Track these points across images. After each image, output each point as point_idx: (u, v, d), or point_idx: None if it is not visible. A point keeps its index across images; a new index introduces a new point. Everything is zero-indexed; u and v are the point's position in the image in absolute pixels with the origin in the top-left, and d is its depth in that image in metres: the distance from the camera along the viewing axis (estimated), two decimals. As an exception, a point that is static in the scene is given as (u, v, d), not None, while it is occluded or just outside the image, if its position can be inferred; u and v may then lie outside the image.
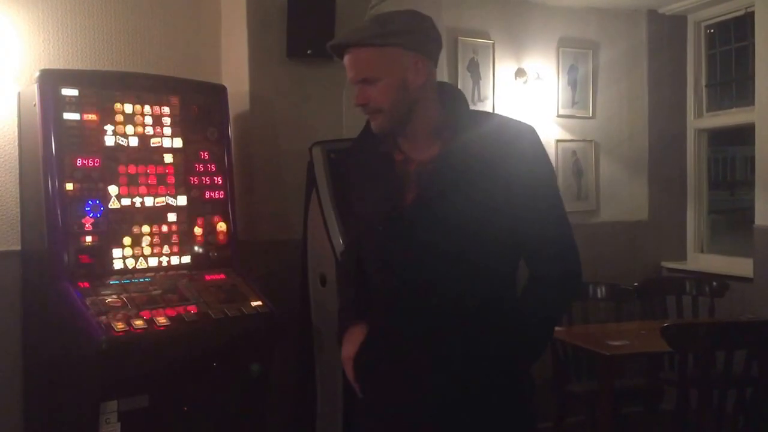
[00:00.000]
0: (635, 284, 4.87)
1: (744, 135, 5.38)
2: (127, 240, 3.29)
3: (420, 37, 2.15)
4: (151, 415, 3.07)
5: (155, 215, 3.38)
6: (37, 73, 3.17)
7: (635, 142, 5.54)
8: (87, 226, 3.18)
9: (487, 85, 5.01)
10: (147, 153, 3.38)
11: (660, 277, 5.44)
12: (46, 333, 3.30)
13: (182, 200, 3.47)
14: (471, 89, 4.95)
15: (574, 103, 5.31)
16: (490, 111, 2.47)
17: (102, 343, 2.86)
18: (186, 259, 3.46)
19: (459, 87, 4.80)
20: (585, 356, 4.27)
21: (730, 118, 5.37)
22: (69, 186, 3.14)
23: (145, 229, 3.35)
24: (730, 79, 5.41)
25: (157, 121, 3.41)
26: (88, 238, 3.18)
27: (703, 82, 5.49)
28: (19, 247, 3.55)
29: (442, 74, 4.77)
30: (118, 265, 3.26)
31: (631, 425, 4.09)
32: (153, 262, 3.37)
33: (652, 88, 5.53)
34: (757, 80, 4.62)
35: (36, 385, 3.45)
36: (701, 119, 5.51)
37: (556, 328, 4.35)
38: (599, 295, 4.77)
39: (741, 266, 4.89)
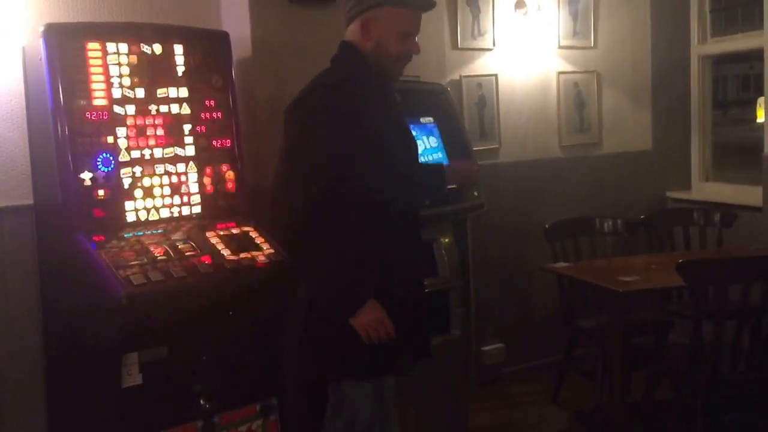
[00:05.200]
0: (642, 217, 4.90)
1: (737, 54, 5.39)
2: (138, 192, 3.28)
3: None
4: (170, 365, 3.11)
5: (165, 166, 3.37)
6: (42, 27, 3.12)
7: (638, 71, 5.52)
8: (99, 179, 3.17)
9: (486, 18, 4.96)
10: (154, 103, 3.35)
11: (666, 209, 5.47)
12: (64, 287, 3.32)
13: (190, 150, 3.45)
14: (470, 23, 4.91)
15: (575, 34, 5.26)
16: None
17: (122, 298, 2.87)
18: (197, 209, 3.46)
19: (458, 21, 4.82)
20: (592, 291, 4.32)
21: (736, 43, 5.33)
22: (79, 140, 3.12)
23: (156, 180, 3.33)
24: (735, 3, 5.36)
25: (163, 71, 3.37)
26: (101, 192, 3.17)
27: (707, 7, 5.44)
28: (31, 202, 3.55)
29: (441, 9, 4.73)
30: (130, 217, 3.26)
31: (642, 356, 4.16)
32: (165, 213, 3.36)
33: (655, 14, 5.48)
34: (766, 3, 4.57)
35: (56, 339, 3.49)
36: (705, 45, 5.47)
37: (562, 264, 4.43)
38: (606, 229, 4.80)
39: (748, 195, 4.90)
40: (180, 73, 3.43)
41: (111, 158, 3.21)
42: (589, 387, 4.39)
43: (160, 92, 3.36)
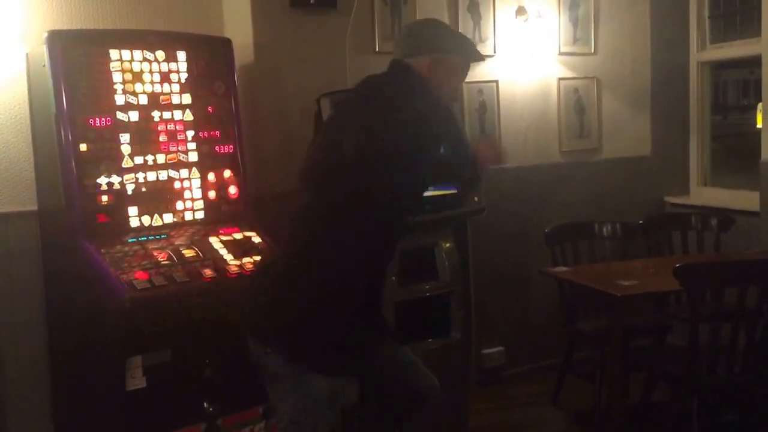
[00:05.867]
0: (640, 221, 4.92)
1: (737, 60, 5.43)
2: (142, 198, 3.33)
3: None
4: (174, 368, 3.15)
5: (168, 172, 3.42)
6: (46, 34, 3.16)
7: (638, 77, 5.54)
8: (102, 185, 3.22)
9: (487, 25, 4.98)
10: (157, 110, 3.39)
11: (665, 213, 5.50)
12: (68, 292, 3.36)
13: (193, 155, 3.50)
14: (472, 30, 4.93)
15: (575, 41, 5.29)
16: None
17: (126, 301, 2.92)
18: (199, 214, 3.50)
19: (459, 28, 4.85)
20: (591, 295, 4.35)
21: (734, 50, 5.36)
22: (83, 146, 3.17)
23: (159, 186, 3.39)
24: (733, 10, 5.39)
25: (166, 77, 3.42)
26: (104, 198, 3.22)
27: (706, 13, 5.47)
28: (35, 207, 3.59)
29: (443, 16, 4.77)
30: (134, 223, 3.31)
31: (640, 359, 4.19)
32: (168, 218, 3.41)
33: (655, 21, 5.51)
34: (764, 10, 4.59)
35: (61, 343, 3.53)
36: (704, 52, 5.50)
37: (562, 268, 4.47)
38: (605, 233, 4.83)
39: (746, 200, 4.93)
40: (183, 80, 3.48)
41: (114, 164, 3.25)
42: (588, 389, 4.41)
43: (163, 98, 3.41)
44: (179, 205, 3.45)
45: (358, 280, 2.61)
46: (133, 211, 3.31)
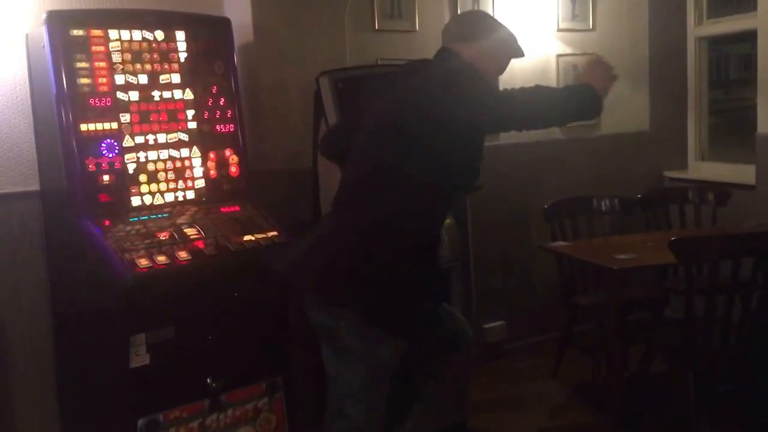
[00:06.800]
0: (639, 196, 4.95)
1: (738, 34, 5.42)
2: (143, 177, 3.35)
3: None
4: (177, 345, 3.17)
5: (168, 151, 3.44)
6: (45, 15, 3.17)
7: (636, 52, 5.55)
8: (103, 165, 3.24)
9: (486, 1, 4.99)
10: (157, 89, 3.41)
11: (663, 187, 5.53)
12: (71, 272, 3.40)
13: (194, 135, 3.52)
14: (470, 6, 4.93)
15: (574, 17, 5.30)
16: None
17: (128, 280, 2.94)
18: (201, 193, 3.53)
19: (458, 4, 4.86)
20: (590, 269, 4.39)
21: (731, 24, 5.36)
22: (83, 126, 3.19)
23: (160, 165, 3.41)
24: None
25: (165, 57, 3.44)
26: (106, 177, 3.24)
27: (704, -12, 5.48)
28: (37, 188, 3.61)
29: (441, -8, 4.79)
30: (135, 202, 3.33)
31: (638, 331, 4.23)
32: (169, 197, 3.44)
33: (653, -5, 5.53)
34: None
35: (65, 323, 3.57)
36: (702, 27, 5.51)
37: (561, 243, 4.50)
38: (603, 208, 4.86)
39: (743, 174, 4.95)
40: (182, 59, 3.49)
41: (115, 144, 3.28)
42: (588, 362, 4.47)
43: (163, 78, 3.43)
44: (180, 184, 3.47)
45: (427, 245, 2.79)
46: (134, 190, 3.34)
